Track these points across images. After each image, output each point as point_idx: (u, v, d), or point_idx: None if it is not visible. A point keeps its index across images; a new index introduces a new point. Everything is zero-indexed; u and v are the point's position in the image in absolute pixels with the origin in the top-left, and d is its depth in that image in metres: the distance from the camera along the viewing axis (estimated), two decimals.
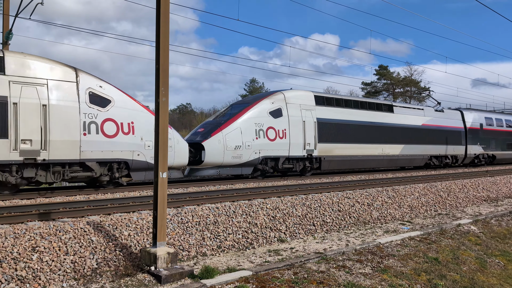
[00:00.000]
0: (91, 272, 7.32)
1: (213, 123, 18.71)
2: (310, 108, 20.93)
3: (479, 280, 9.11)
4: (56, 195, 12.81)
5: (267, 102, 19.58)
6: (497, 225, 13.65)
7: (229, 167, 18.22)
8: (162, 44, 7.73)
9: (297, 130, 20.01)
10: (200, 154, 17.30)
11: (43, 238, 7.60)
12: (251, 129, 18.45)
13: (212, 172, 17.89)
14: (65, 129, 13.00)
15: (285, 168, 19.90)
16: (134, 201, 11.67)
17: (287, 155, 19.64)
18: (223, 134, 17.70)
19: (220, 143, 17.53)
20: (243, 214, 10.64)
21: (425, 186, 17.21)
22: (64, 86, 13.20)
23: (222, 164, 17.87)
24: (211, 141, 17.39)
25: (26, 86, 12.52)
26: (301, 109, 20.51)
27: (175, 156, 15.30)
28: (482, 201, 18.06)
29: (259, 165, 18.91)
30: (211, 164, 17.62)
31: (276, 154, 19.25)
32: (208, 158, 17.29)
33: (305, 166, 20.67)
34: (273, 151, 19.14)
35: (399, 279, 8.26)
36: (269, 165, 19.29)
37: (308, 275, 7.78)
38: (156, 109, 7.74)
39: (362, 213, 13.03)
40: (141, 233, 8.74)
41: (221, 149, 17.54)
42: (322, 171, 22.36)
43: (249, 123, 18.52)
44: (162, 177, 7.67)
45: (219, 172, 18.12)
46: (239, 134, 18.05)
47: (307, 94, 21.42)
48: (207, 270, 7.41)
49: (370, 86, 69.24)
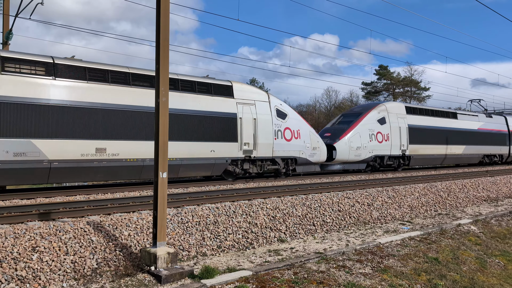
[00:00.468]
0: (91, 272, 7.32)
1: (337, 129, 23.90)
2: (403, 116, 26.11)
3: (479, 280, 9.11)
4: (56, 195, 12.81)
5: (375, 112, 24.76)
6: (497, 225, 13.65)
7: (351, 163, 23.44)
8: (162, 44, 7.73)
9: (395, 134, 25.19)
10: (331, 153, 22.23)
11: (43, 238, 7.61)
12: (366, 134, 23.66)
13: (338, 167, 23.16)
14: (265, 135, 18.28)
15: (387, 164, 25.09)
16: (134, 201, 11.67)
17: (389, 154, 24.89)
18: (348, 138, 22.94)
19: (346, 144, 22.74)
20: (243, 214, 10.64)
21: (425, 186, 17.21)
22: (263, 105, 18.63)
23: (347, 161, 23.06)
24: (340, 143, 22.63)
25: (245, 105, 17.86)
26: (398, 117, 25.72)
27: (321, 155, 20.75)
28: (482, 201, 18.06)
29: (371, 162, 24.15)
30: (340, 160, 22.77)
31: (383, 153, 24.49)
32: (339, 156, 22.47)
33: (400, 162, 25.78)
34: (381, 151, 24.38)
35: (399, 279, 8.26)
36: (377, 162, 24.48)
37: (308, 275, 7.78)
38: (156, 109, 7.74)
39: (362, 213, 13.03)
40: (141, 233, 8.74)
41: (347, 149, 22.74)
42: (410, 166, 27.92)
43: (365, 128, 23.71)
44: (162, 177, 7.68)
45: (344, 167, 23.35)
46: (358, 137, 23.28)
47: (400, 105, 27.00)
48: (207, 270, 7.41)
49: (370, 86, 69.19)
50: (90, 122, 13.45)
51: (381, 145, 24.29)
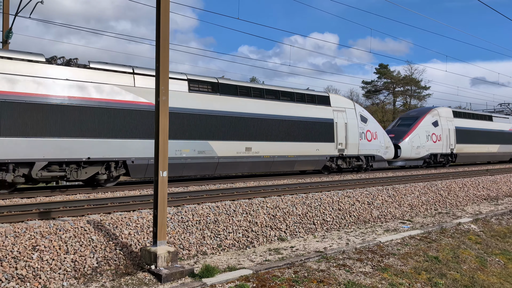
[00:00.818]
0: (92, 271, 7.32)
1: (399, 131, 28.08)
2: (451, 119, 30.50)
3: (479, 279, 9.11)
4: (56, 194, 12.82)
5: (429, 116, 29.16)
6: (497, 224, 13.65)
7: (411, 160, 27.90)
8: (162, 43, 7.72)
9: (445, 135, 29.58)
10: (396, 152, 26.26)
11: (43, 237, 7.61)
12: (424, 135, 27.98)
13: (400, 163, 27.93)
14: (353, 137, 22.34)
15: (439, 161, 29.43)
16: (134, 200, 11.67)
17: (441, 152, 29.26)
18: (410, 138, 27.27)
19: (408, 144, 27.02)
20: (243, 213, 10.64)
21: (425, 185, 17.21)
22: (351, 112, 22.77)
23: (409, 158, 27.44)
24: (404, 143, 26.90)
25: (339, 112, 22.02)
26: (447, 120, 30.07)
27: (391, 153, 25.02)
28: (482, 199, 18.06)
29: (427, 159, 28.54)
30: (404, 158, 27.10)
31: (436, 151, 28.86)
32: (403, 154, 26.73)
33: (448, 159, 30.14)
34: (435, 150, 28.72)
35: (400, 278, 8.26)
36: (432, 159, 28.89)
37: (309, 274, 7.78)
38: (156, 108, 7.73)
39: (362, 212, 13.03)
40: (142, 232, 8.74)
41: (409, 148, 27.04)
42: (456, 163, 31.82)
43: (422, 130, 28.04)
44: (163, 176, 7.67)
45: (406, 164, 28.15)
46: (418, 138, 27.59)
47: (448, 110, 31.09)
48: (208, 269, 7.41)
49: (371, 85, 69.17)
50: (242, 128, 17.89)
51: (435, 145, 28.68)
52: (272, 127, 18.75)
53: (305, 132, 20.03)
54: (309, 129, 20.25)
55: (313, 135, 20.39)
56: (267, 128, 18.57)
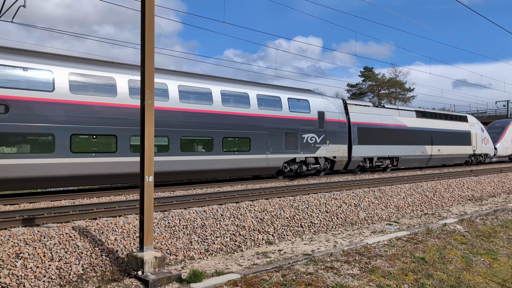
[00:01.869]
0: (77, 277, 7.21)
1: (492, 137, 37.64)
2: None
3: (465, 278, 9.20)
4: (40, 200, 12.62)
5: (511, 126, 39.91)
6: (482, 224, 13.82)
7: (503, 157, 40.37)
8: (147, 47, 7.67)
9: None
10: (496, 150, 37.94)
11: (27, 244, 7.48)
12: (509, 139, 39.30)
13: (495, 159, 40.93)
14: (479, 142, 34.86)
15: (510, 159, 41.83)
16: (120, 205, 11.56)
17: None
18: (502, 142, 38.61)
19: (502, 145, 38.56)
20: (230, 217, 10.60)
21: (411, 186, 17.35)
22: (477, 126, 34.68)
23: (502, 155, 39.15)
24: (499, 145, 38.14)
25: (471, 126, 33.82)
26: None
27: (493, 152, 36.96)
28: (467, 200, 18.27)
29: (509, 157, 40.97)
30: (499, 156, 38.67)
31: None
32: (499, 153, 38.02)
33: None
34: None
35: (387, 279, 8.30)
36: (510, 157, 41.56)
37: (297, 277, 7.77)
38: (142, 112, 7.65)
39: (349, 214, 13.08)
40: (128, 238, 8.64)
41: (503, 148, 38.64)
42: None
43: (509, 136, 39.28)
44: (148, 181, 7.60)
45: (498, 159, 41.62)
46: (506, 141, 39.06)
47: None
48: (195, 274, 7.36)
49: (356, 88, 69.72)
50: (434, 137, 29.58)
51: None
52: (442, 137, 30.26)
53: (454, 139, 31.72)
54: (456, 137, 31.94)
55: (459, 141, 32.22)
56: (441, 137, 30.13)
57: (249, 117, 18.55)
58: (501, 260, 10.98)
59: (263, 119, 19.03)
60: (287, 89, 21.33)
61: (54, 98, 13.28)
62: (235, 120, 18.01)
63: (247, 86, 19.13)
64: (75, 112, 13.64)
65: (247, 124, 18.40)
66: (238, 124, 18.08)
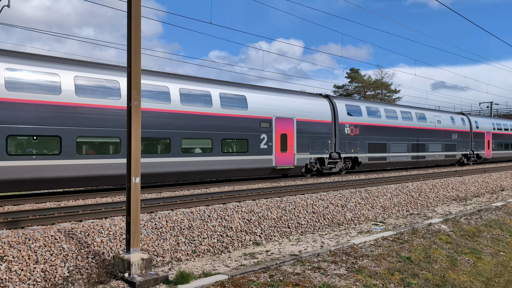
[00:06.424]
0: (63, 280, 7.14)
1: None
2: None
3: (450, 278, 9.32)
4: (25, 202, 12.47)
5: None
6: (466, 223, 14.00)
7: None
8: (134, 47, 7.63)
9: None
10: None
11: (11, 247, 7.38)
12: None
13: None
14: None
15: None
16: (106, 207, 11.47)
17: None
18: None
19: None
20: (218, 218, 10.59)
21: (397, 187, 17.51)
22: None
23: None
24: None
25: None
26: None
27: None
28: (451, 200, 18.50)
29: None
30: None
31: None
32: None
33: None
34: None
35: (373, 279, 8.37)
36: None
37: (284, 277, 7.79)
38: (128, 113, 7.61)
39: (336, 215, 13.15)
40: (114, 240, 8.58)
41: None
42: None
43: None
44: (135, 182, 7.56)
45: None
46: None
47: None
48: (182, 275, 7.33)
49: (342, 89, 70.13)
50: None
51: None
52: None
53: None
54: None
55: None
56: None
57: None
58: (485, 259, 11.14)
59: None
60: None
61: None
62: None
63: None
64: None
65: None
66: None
